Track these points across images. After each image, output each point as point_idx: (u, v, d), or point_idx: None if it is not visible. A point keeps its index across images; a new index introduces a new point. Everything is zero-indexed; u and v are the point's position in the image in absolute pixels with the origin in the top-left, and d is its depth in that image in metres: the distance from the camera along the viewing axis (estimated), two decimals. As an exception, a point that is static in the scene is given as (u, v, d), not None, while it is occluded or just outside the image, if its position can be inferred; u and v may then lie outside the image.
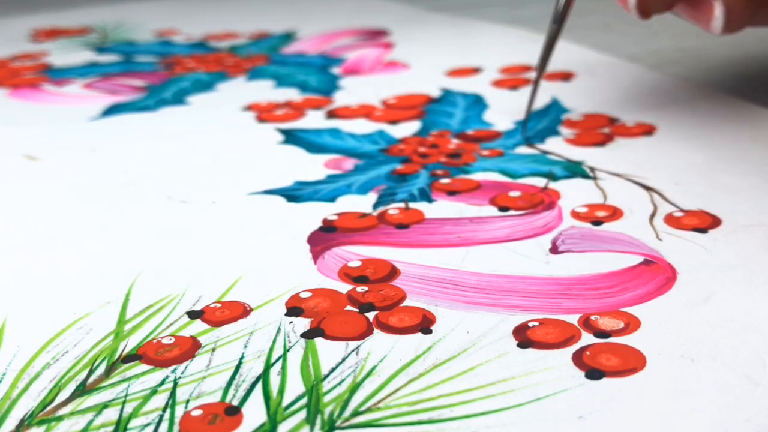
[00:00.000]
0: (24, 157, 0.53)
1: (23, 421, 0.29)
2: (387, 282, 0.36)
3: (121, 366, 0.32)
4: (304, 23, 0.83)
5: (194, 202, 0.45)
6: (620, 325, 0.32)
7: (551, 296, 0.35)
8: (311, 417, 0.28)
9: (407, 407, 0.29)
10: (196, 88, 0.64)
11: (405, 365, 0.31)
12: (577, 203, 0.42)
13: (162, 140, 0.54)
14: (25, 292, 0.37)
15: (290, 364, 0.31)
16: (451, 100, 0.58)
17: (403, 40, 0.75)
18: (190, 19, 0.88)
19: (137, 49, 0.77)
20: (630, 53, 0.67)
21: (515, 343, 0.32)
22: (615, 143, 0.50)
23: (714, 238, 0.38)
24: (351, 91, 0.62)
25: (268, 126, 0.56)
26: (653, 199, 0.42)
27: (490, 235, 0.40)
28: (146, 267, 0.39)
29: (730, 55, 0.64)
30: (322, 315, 0.34)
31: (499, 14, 0.82)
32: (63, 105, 0.63)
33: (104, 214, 0.44)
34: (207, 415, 0.29)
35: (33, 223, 0.44)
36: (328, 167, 0.48)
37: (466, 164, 0.48)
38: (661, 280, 0.35)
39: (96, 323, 0.34)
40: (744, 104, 0.54)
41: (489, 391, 0.29)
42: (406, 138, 0.52)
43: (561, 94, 0.58)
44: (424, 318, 0.33)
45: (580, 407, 0.28)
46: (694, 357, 0.30)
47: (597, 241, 0.39)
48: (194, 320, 0.34)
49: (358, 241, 0.40)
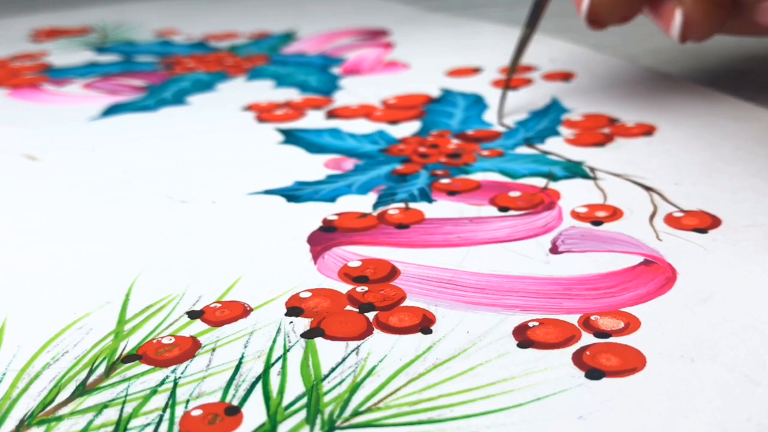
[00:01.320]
0: (24, 157, 0.53)
1: (23, 421, 0.29)
2: (387, 282, 0.36)
3: (121, 366, 0.32)
4: (304, 23, 0.83)
5: (194, 202, 0.45)
6: (620, 325, 0.32)
7: (551, 296, 0.35)
8: (311, 417, 0.28)
9: (407, 407, 0.29)
10: (196, 88, 0.64)
11: (405, 365, 0.31)
12: (577, 203, 0.42)
13: (162, 140, 0.54)
14: (25, 292, 0.37)
15: (290, 364, 0.31)
16: (451, 100, 0.58)
17: (403, 40, 0.75)
18: (190, 19, 0.88)
19: (137, 49, 0.77)
20: (630, 53, 0.67)
21: (515, 343, 0.32)
22: (615, 143, 0.50)
23: (714, 238, 0.38)
24: (351, 91, 0.62)
25: (268, 126, 0.56)
26: (653, 199, 0.42)
27: (490, 235, 0.40)
28: (146, 267, 0.39)
29: (730, 55, 0.64)
30: (322, 315, 0.34)
31: (499, 14, 0.82)
32: (63, 105, 0.63)
33: (104, 214, 0.44)
34: (207, 415, 0.29)
35: (33, 223, 0.44)
36: (328, 167, 0.48)
37: (466, 164, 0.48)
38: (661, 280, 0.35)
39: (96, 323, 0.34)
40: (744, 104, 0.54)
41: (489, 391, 0.29)
42: (406, 138, 0.52)
43: (561, 94, 0.58)
44: (424, 318, 0.33)
45: (580, 407, 0.28)
46: (694, 357, 0.30)
47: (597, 241, 0.39)
48: (194, 320, 0.34)
49: (358, 241, 0.40)
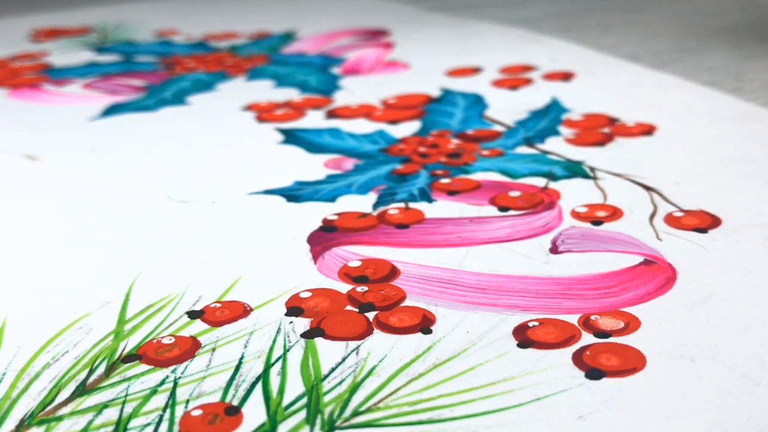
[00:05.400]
0: (24, 157, 0.53)
1: (23, 421, 0.29)
2: (387, 282, 0.36)
3: (121, 366, 0.32)
4: (304, 23, 0.83)
5: (194, 202, 0.45)
6: (620, 325, 0.32)
7: (551, 296, 0.35)
8: (311, 417, 0.28)
9: (407, 407, 0.29)
10: (196, 88, 0.64)
11: (405, 365, 0.31)
12: (577, 203, 0.42)
13: (162, 140, 0.54)
14: (25, 292, 0.37)
15: (290, 364, 0.31)
16: (451, 100, 0.58)
17: (403, 40, 0.75)
18: (190, 19, 0.88)
19: (137, 49, 0.77)
20: (630, 53, 0.67)
21: (515, 343, 0.32)
22: (615, 143, 0.50)
23: (714, 238, 0.38)
24: (351, 91, 0.62)
25: (268, 126, 0.56)
26: (653, 199, 0.42)
27: (490, 235, 0.40)
28: (146, 267, 0.38)
29: (730, 55, 0.64)
30: (322, 315, 0.34)
31: (499, 14, 0.82)
32: (63, 105, 0.63)
33: (104, 214, 0.44)
34: (207, 415, 0.29)
35: (33, 223, 0.44)
36: (328, 167, 0.48)
37: (466, 164, 0.48)
38: (661, 280, 0.35)
39: (96, 323, 0.34)
40: (743, 104, 0.54)
41: (489, 391, 0.29)
42: (406, 138, 0.52)
43: (561, 94, 0.58)
44: (424, 318, 0.33)
45: (580, 407, 0.28)
46: (694, 357, 0.30)
47: (597, 241, 0.39)
48: (194, 320, 0.34)
49: (358, 241, 0.40)
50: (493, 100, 0.58)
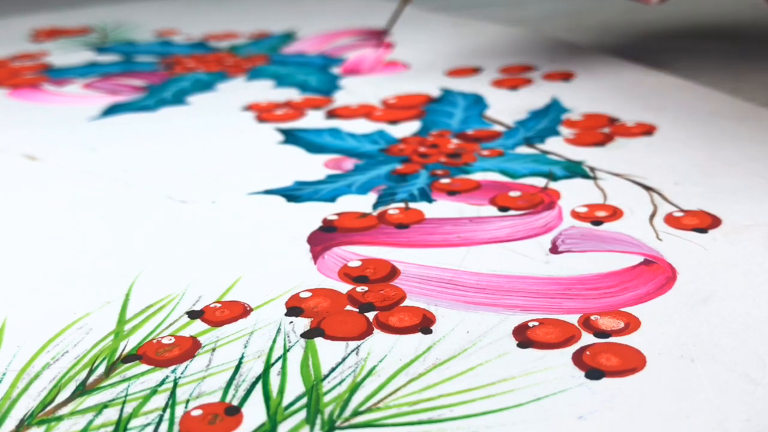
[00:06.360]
0: (24, 157, 0.53)
1: (23, 421, 0.29)
2: (387, 282, 0.36)
3: (121, 366, 0.32)
4: (304, 23, 0.83)
5: (194, 202, 0.45)
6: (620, 325, 0.32)
7: (551, 296, 0.35)
8: (311, 417, 0.28)
9: (407, 407, 0.29)
10: (196, 88, 0.64)
11: (405, 365, 0.31)
12: (577, 203, 0.42)
13: (162, 140, 0.54)
14: (25, 292, 0.37)
15: (290, 364, 0.31)
16: (451, 100, 0.58)
17: (403, 40, 0.75)
18: (190, 19, 0.88)
19: (137, 49, 0.77)
20: (630, 53, 0.67)
21: (515, 343, 0.32)
22: (615, 143, 0.50)
23: (714, 238, 0.38)
24: (351, 91, 0.62)
25: (268, 126, 0.56)
26: (653, 199, 0.42)
27: (490, 235, 0.40)
28: (146, 267, 0.39)
29: (730, 56, 0.64)
30: (322, 315, 0.34)
31: (499, 14, 0.82)
32: (63, 105, 0.63)
33: (104, 213, 0.44)
34: (207, 415, 0.29)
35: (33, 223, 0.44)
36: (328, 167, 0.48)
37: (466, 164, 0.48)
38: (661, 280, 0.35)
39: (96, 323, 0.34)
40: (744, 104, 0.54)
41: (489, 391, 0.29)
42: (406, 138, 0.52)
43: (561, 94, 0.58)
44: (424, 318, 0.33)
45: (580, 407, 0.28)
46: (694, 357, 0.30)
47: (597, 241, 0.39)
48: (194, 320, 0.34)
49: (358, 241, 0.40)
50: (493, 99, 0.58)
